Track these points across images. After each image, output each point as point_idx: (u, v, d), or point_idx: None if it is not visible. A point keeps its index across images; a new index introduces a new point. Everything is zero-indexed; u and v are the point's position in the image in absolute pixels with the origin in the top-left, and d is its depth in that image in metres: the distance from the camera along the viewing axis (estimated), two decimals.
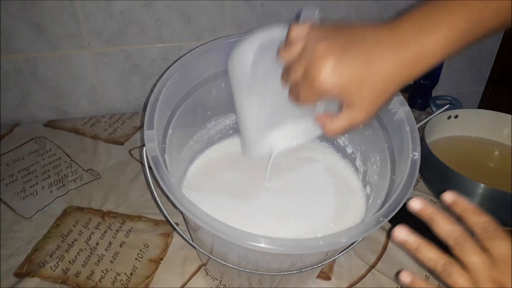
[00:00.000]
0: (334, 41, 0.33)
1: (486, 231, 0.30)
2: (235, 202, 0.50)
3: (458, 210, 0.31)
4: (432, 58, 0.32)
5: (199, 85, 0.50)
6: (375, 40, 0.33)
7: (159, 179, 0.36)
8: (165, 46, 0.77)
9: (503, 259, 0.29)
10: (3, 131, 0.75)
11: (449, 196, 0.32)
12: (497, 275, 0.29)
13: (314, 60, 0.33)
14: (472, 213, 0.31)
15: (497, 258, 0.29)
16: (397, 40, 0.32)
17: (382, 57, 0.32)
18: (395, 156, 0.45)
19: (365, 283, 0.51)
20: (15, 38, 0.70)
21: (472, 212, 0.31)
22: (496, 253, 0.29)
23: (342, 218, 0.49)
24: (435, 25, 0.31)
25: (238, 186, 0.52)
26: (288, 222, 0.48)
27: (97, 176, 0.66)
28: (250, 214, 0.49)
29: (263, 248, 0.33)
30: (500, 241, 0.29)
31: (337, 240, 0.35)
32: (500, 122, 0.68)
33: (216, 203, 0.49)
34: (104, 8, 0.70)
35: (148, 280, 0.50)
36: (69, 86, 0.77)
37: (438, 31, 0.31)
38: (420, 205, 0.31)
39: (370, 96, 0.33)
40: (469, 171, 0.56)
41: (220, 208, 0.49)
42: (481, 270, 0.29)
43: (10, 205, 0.60)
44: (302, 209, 0.50)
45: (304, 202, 0.51)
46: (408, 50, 0.32)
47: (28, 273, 0.50)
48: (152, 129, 0.40)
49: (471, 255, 0.29)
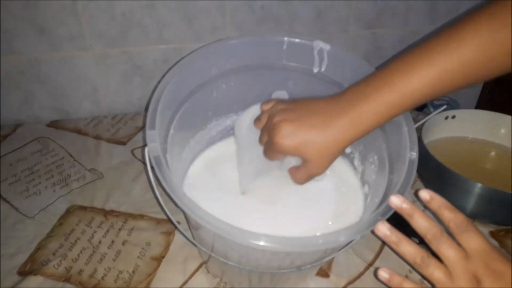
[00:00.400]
0: (292, 111, 0.41)
1: (460, 227, 0.32)
2: (236, 201, 0.51)
3: (434, 207, 0.34)
4: (366, 124, 0.38)
5: (200, 86, 0.51)
6: (322, 110, 0.40)
7: (160, 178, 0.37)
8: (166, 48, 0.78)
9: (475, 252, 0.31)
10: (6, 131, 0.75)
11: (425, 194, 0.34)
12: (471, 267, 0.31)
13: (273, 127, 0.41)
14: (446, 210, 0.33)
15: (470, 252, 0.32)
16: (337, 109, 0.39)
17: (325, 123, 0.39)
18: (393, 156, 0.46)
19: (363, 280, 0.51)
20: (18, 39, 0.71)
21: (446, 208, 0.33)
22: (469, 247, 0.32)
23: (341, 216, 0.50)
24: (366, 97, 0.38)
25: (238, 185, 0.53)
26: (288, 220, 0.49)
27: (99, 176, 0.66)
28: (250, 213, 0.49)
29: (263, 246, 0.34)
30: (473, 235, 0.32)
31: (336, 238, 0.35)
32: (497, 122, 0.69)
33: (217, 202, 0.50)
34: (105, 10, 0.71)
35: (150, 277, 0.51)
36: (71, 87, 0.78)
37: (368, 103, 0.38)
38: (399, 202, 0.34)
39: (318, 153, 0.40)
40: (466, 171, 0.57)
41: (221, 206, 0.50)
42: (457, 263, 0.32)
43: (13, 204, 0.60)
44: (302, 208, 0.51)
45: (303, 201, 0.51)
46: (345, 117, 0.38)
47: (31, 271, 0.51)
48: (154, 129, 0.40)
49: (447, 249, 0.32)
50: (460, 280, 0.31)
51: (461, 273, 0.31)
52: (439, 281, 0.32)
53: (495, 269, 0.31)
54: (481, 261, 0.31)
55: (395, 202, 0.34)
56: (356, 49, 0.89)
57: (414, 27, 0.89)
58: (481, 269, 0.31)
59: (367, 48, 0.90)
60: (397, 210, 0.34)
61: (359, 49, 0.89)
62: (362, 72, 0.49)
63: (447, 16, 0.90)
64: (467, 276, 0.31)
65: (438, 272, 0.32)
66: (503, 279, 0.31)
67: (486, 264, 0.31)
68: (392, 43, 0.91)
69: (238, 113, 0.58)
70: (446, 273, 0.32)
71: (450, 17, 0.90)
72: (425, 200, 0.34)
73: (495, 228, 0.59)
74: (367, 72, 0.48)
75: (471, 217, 0.60)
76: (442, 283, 0.32)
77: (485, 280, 0.31)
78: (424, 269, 0.33)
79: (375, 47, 0.90)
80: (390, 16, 0.87)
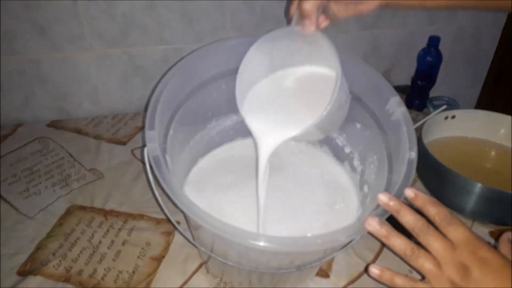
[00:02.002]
0: None
1: (444, 220, 0.34)
2: (235, 201, 0.51)
3: (418, 203, 0.35)
4: None
5: (199, 86, 0.51)
6: None
7: (159, 178, 0.37)
8: (166, 48, 0.78)
9: (461, 242, 0.33)
10: (7, 131, 0.75)
11: (410, 192, 0.36)
12: (458, 256, 0.33)
13: None
14: (431, 205, 0.34)
15: (457, 242, 0.33)
16: None
17: None
18: (392, 156, 0.46)
19: (363, 280, 0.51)
20: (19, 39, 0.71)
21: (431, 204, 0.34)
22: (455, 237, 0.33)
23: (341, 216, 0.50)
24: None
25: (238, 186, 0.53)
26: (287, 220, 0.49)
27: (99, 176, 0.66)
28: (250, 213, 0.49)
29: (263, 246, 0.34)
30: (457, 227, 0.33)
31: (336, 238, 0.35)
32: (497, 122, 0.69)
33: (216, 202, 0.50)
34: (106, 10, 0.71)
35: (150, 278, 0.51)
36: (72, 87, 0.78)
37: None
38: (386, 200, 0.35)
39: None
40: (466, 171, 0.57)
41: (220, 207, 0.50)
42: (444, 253, 0.33)
43: (13, 204, 0.60)
44: (301, 208, 0.51)
45: (303, 202, 0.52)
46: None
47: (31, 271, 0.51)
48: (153, 129, 0.40)
49: (434, 241, 0.33)
50: (449, 270, 0.33)
51: (449, 263, 0.33)
52: (429, 271, 0.33)
53: (482, 256, 0.32)
54: (467, 250, 0.32)
55: (383, 199, 0.36)
56: (355, 50, 0.89)
57: (413, 28, 0.90)
58: (469, 258, 0.32)
59: (366, 48, 0.90)
60: (385, 207, 0.36)
61: (358, 49, 0.89)
62: (360, 72, 0.49)
63: (446, 17, 0.90)
64: (455, 265, 0.32)
65: (428, 263, 0.33)
66: (490, 265, 0.32)
67: (473, 252, 0.32)
68: (391, 44, 0.91)
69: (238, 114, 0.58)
70: (435, 264, 0.33)
71: (449, 18, 0.91)
72: (410, 198, 0.35)
73: (495, 228, 0.59)
74: (367, 72, 0.49)
75: (471, 217, 0.60)
76: (432, 273, 0.33)
77: (473, 268, 0.32)
78: (414, 261, 0.34)
79: (374, 47, 0.90)
80: (389, 17, 0.87)
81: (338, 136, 0.58)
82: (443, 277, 0.33)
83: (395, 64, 0.94)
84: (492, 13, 0.92)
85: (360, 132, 0.53)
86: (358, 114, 0.51)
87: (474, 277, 0.32)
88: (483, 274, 0.32)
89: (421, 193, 0.35)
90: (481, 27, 0.94)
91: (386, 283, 0.35)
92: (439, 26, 0.91)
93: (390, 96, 0.46)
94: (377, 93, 0.48)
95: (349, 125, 0.54)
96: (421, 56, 0.84)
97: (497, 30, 0.96)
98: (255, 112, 0.47)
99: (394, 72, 0.95)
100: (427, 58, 0.83)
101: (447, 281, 0.33)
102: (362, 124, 0.52)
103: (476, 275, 0.32)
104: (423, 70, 0.84)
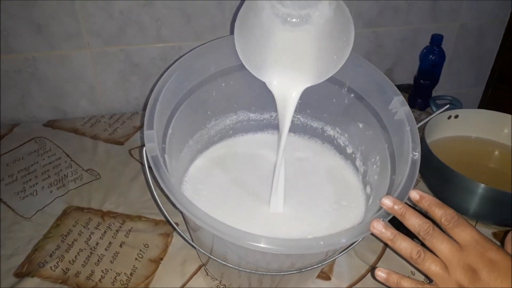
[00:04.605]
0: None
1: (451, 221, 0.33)
2: (235, 202, 0.50)
3: (424, 205, 0.35)
4: None
5: (199, 85, 0.50)
6: None
7: (158, 179, 0.36)
8: (165, 46, 0.77)
9: (469, 244, 0.32)
10: (3, 131, 0.75)
11: (414, 194, 0.35)
12: (466, 258, 0.32)
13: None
14: (437, 207, 0.34)
15: (464, 244, 0.32)
16: None
17: None
18: (395, 156, 0.45)
19: (365, 283, 0.51)
20: (15, 38, 0.70)
21: (437, 205, 0.34)
22: (462, 239, 0.33)
23: (343, 218, 0.49)
24: None
25: (238, 186, 0.52)
26: (288, 222, 0.48)
27: (97, 176, 0.65)
28: (250, 214, 0.49)
29: (263, 248, 0.33)
30: (464, 228, 0.33)
31: (337, 240, 0.35)
32: (500, 122, 0.68)
33: (216, 203, 0.49)
34: (103, 8, 0.70)
35: (148, 280, 0.50)
36: (68, 86, 0.77)
37: None
38: (390, 203, 0.35)
39: None
40: (469, 171, 0.56)
41: (220, 208, 0.49)
42: (452, 256, 0.32)
43: (10, 205, 0.60)
44: (302, 209, 0.50)
45: (304, 202, 0.51)
46: None
47: (28, 273, 0.50)
48: (152, 129, 0.40)
49: (440, 244, 0.33)
50: (457, 272, 0.32)
51: (457, 265, 0.32)
52: (436, 274, 0.33)
53: (490, 258, 0.31)
54: (475, 252, 0.32)
55: (387, 204, 0.35)
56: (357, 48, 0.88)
57: (416, 26, 0.89)
58: (476, 260, 0.32)
59: (369, 47, 0.89)
60: (389, 211, 0.35)
61: (361, 47, 0.89)
62: (363, 71, 0.48)
63: (448, 15, 0.89)
64: (463, 268, 0.32)
65: (435, 266, 0.33)
66: (499, 267, 0.31)
67: (481, 254, 0.32)
68: (394, 42, 0.90)
69: (238, 113, 0.58)
70: (442, 267, 0.33)
71: (451, 15, 0.90)
72: (415, 200, 0.35)
73: (498, 229, 0.59)
74: (368, 70, 0.48)
75: (474, 218, 0.59)
76: (440, 276, 0.33)
77: (481, 270, 0.31)
78: (421, 264, 0.33)
79: (377, 45, 0.90)
80: (392, 15, 0.86)
81: (340, 136, 0.57)
82: (451, 280, 0.32)
83: (397, 63, 0.94)
84: (495, 11, 0.91)
85: (362, 131, 0.52)
86: (361, 114, 0.50)
87: (482, 279, 0.31)
88: (491, 276, 0.31)
89: (427, 195, 0.35)
90: (484, 25, 0.93)
91: (393, 286, 0.35)
92: (442, 23, 0.90)
93: (393, 95, 0.45)
94: (380, 92, 0.47)
95: (352, 124, 0.54)
96: (423, 55, 0.83)
97: (501, 28, 0.95)
98: (271, 66, 0.46)
99: (396, 70, 0.95)
100: (430, 57, 0.82)
101: (455, 284, 0.32)
102: (365, 124, 0.52)
103: (485, 277, 0.31)
104: (426, 69, 0.84)
